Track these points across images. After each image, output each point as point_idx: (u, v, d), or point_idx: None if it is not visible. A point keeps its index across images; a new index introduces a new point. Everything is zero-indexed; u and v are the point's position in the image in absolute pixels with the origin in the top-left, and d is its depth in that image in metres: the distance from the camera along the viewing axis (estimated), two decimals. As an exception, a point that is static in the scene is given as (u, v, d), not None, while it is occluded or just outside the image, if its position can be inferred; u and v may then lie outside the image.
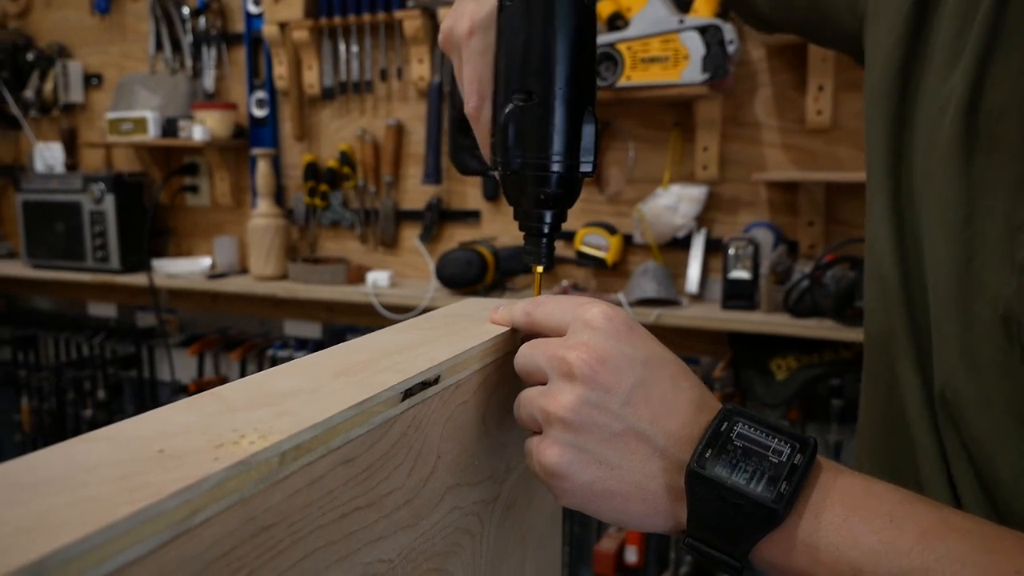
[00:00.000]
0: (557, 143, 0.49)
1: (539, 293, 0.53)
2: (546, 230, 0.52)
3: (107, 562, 0.22)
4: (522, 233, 0.55)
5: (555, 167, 0.49)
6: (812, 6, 0.64)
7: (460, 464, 0.44)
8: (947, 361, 0.46)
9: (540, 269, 0.54)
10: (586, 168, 0.50)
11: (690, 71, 1.53)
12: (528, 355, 0.44)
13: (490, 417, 0.48)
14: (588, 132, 0.49)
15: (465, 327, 0.49)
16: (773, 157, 1.68)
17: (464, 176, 0.74)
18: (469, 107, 0.52)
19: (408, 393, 0.38)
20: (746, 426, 0.38)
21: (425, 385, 0.39)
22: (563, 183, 0.50)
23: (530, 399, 0.42)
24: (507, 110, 0.49)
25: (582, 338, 0.41)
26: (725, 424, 0.39)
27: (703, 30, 1.51)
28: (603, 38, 1.58)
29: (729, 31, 1.51)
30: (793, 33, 0.72)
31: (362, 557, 0.35)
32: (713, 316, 1.60)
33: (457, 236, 1.95)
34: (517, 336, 0.49)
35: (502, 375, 0.48)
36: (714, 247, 1.72)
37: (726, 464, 0.37)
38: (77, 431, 2.59)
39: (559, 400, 0.40)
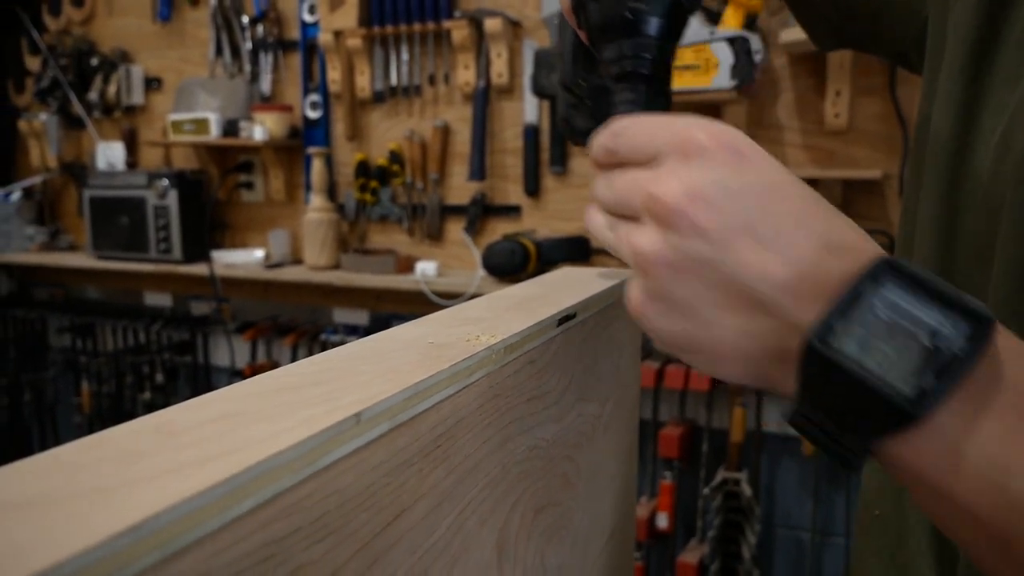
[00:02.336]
0: None
1: None
2: (646, 68, 0.40)
3: (437, 395, 0.38)
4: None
5: None
6: (876, 14, 0.63)
7: (583, 383, 0.59)
8: None
9: None
10: None
11: (719, 78, 1.68)
12: (605, 187, 0.37)
13: (599, 351, 0.63)
14: None
15: (572, 285, 0.64)
16: (794, 156, 1.83)
17: (576, 146, 0.66)
18: None
19: (560, 322, 0.53)
20: (897, 291, 0.29)
21: (568, 318, 0.54)
22: None
23: (614, 226, 0.37)
24: None
25: (675, 168, 0.33)
26: (868, 285, 0.29)
27: (732, 41, 1.66)
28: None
29: (755, 42, 1.66)
30: (854, 47, 0.74)
31: (535, 432, 0.50)
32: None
33: (499, 229, 2.10)
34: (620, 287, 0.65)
35: (606, 322, 0.64)
36: (739, 239, 1.87)
37: (858, 342, 0.28)
38: (134, 413, 2.77)
39: (640, 243, 0.34)
